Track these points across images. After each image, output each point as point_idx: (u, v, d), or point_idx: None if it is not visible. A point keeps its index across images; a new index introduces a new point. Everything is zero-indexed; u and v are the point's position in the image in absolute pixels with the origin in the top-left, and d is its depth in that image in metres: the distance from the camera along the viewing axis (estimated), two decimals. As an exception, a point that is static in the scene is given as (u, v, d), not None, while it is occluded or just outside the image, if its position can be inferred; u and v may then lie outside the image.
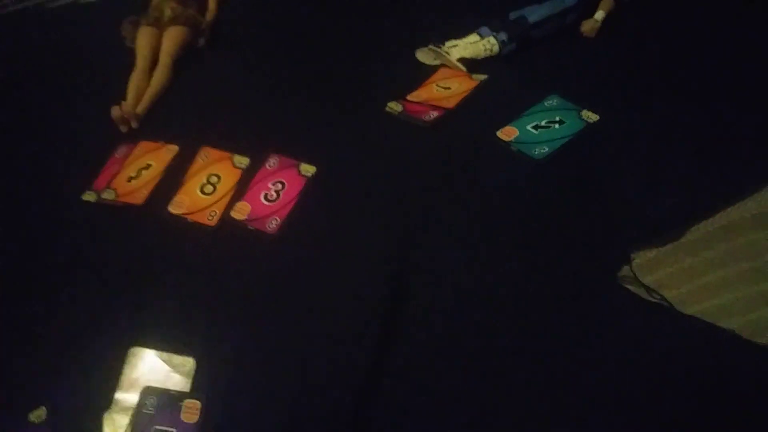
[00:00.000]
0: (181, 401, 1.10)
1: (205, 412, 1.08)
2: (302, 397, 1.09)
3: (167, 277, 1.29)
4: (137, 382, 1.14)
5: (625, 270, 1.20)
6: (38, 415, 1.11)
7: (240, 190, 1.40)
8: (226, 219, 1.35)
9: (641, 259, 1.21)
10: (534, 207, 1.27)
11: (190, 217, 1.37)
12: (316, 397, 1.09)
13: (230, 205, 1.37)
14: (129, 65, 1.79)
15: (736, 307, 1.13)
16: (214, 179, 1.44)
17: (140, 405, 1.10)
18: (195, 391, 1.11)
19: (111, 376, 1.14)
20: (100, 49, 1.99)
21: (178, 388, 1.12)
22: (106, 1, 2.42)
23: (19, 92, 1.90)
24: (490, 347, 1.12)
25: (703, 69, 1.47)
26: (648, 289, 1.17)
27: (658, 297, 1.16)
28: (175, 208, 1.38)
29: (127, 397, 1.12)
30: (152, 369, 1.15)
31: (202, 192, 1.42)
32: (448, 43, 1.66)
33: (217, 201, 1.39)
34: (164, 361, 1.15)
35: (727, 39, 1.53)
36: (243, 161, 1.45)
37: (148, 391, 1.11)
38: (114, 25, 1.96)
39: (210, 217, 1.36)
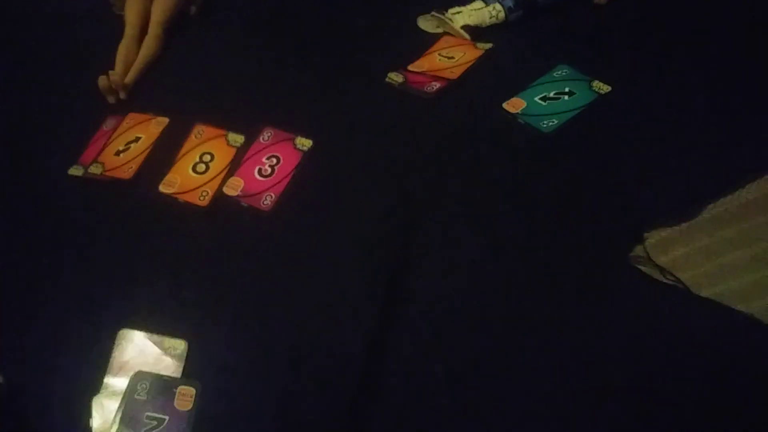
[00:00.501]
0: (175, 388, 1.06)
1: (198, 399, 1.04)
2: (297, 381, 1.05)
3: (158, 256, 1.25)
4: (127, 365, 1.10)
5: (637, 250, 1.15)
6: None
7: (233, 168, 1.35)
8: (218, 197, 1.30)
9: (655, 238, 1.16)
10: (542, 182, 1.22)
11: (180, 197, 1.32)
12: (312, 381, 1.05)
13: (223, 183, 1.32)
14: (117, 33, 1.72)
15: (755, 290, 1.09)
16: (207, 158, 1.38)
17: (131, 390, 1.06)
18: (187, 374, 1.07)
19: (100, 358, 1.10)
20: (87, 15, 1.91)
21: (169, 372, 1.08)
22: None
23: (6, 60, 1.84)
24: (496, 327, 1.08)
25: (723, 37, 1.40)
26: (662, 269, 1.13)
27: (673, 278, 1.12)
28: (165, 188, 1.33)
29: (117, 381, 1.08)
30: (142, 352, 1.11)
31: (194, 171, 1.36)
32: (452, 10, 1.60)
33: (210, 180, 1.33)
34: (155, 343, 1.11)
35: (748, 6, 1.46)
36: (238, 139, 1.39)
37: (139, 376, 1.07)
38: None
39: (202, 197, 1.31)
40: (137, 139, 1.45)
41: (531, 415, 1.00)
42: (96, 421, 1.04)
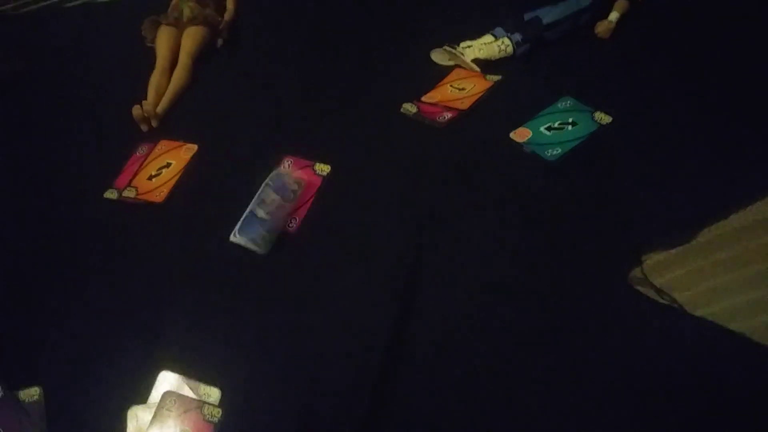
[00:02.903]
0: (200, 407, 1.13)
1: (223, 420, 1.11)
2: (316, 402, 1.11)
3: (188, 278, 1.32)
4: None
5: (636, 271, 1.20)
6: (31, 394, 1.18)
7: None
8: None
9: (652, 260, 1.21)
10: (546, 208, 1.28)
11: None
12: (330, 402, 1.11)
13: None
14: (149, 65, 1.84)
15: (747, 310, 1.13)
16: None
17: (161, 405, 1.14)
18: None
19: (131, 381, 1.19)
20: (122, 48, 2.04)
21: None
22: (127, 1, 2.47)
23: (44, 91, 1.97)
24: (502, 347, 1.14)
25: (717, 71, 1.47)
26: (659, 290, 1.18)
27: (669, 298, 1.17)
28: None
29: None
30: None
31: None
32: (463, 44, 1.67)
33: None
34: (191, 388, 1.17)
35: (742, 41, 1.52)
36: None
37: (169, 394, 1.15)
38: (134, 25, 2.01)
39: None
40: (168, 165, 1.56)
41: (534, 422, 1.05)
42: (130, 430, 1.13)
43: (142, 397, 1.16)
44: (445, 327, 1.18)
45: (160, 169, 1.55)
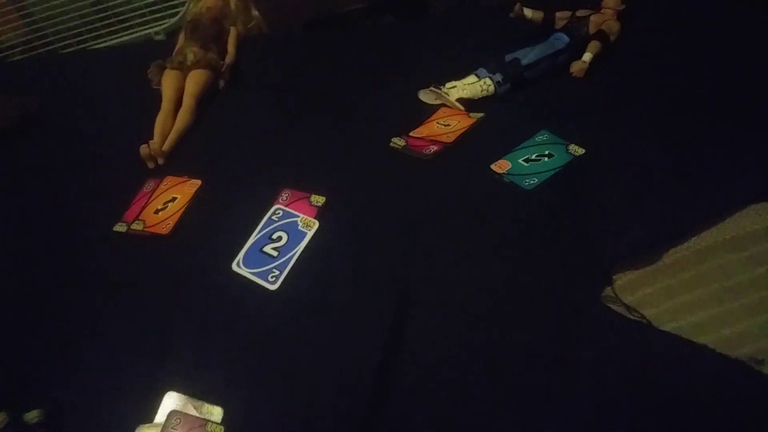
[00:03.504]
0: (204, 425, 1.20)
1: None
2: (314, 420, 1.18)
3: (193, 306, 1.39)
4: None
5: (607, 290, 1.29)
6: (32, 416, 1.23)
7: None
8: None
9: (622, 280, 1.31)
10: (524, 233, 1.37)
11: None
12: (327, 420, 1.17)
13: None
14: (155, 106, 1.94)
15: (710, 324, 1.22)
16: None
17: (167, 424, 1.20)
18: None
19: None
20: (128, 91, 2.14)
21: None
22: (132, 48, 2.61)
23: (55, 133, 2.07)
24: (485, 366, 1.21)
25: (680, 107, 1.58)
26: (629, 307, 1.27)
27: (638, 315, 1.25)
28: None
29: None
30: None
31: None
32: (448, 84, 1.79)
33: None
34: (195, 407, 1.24)
35: (705, 78, 1.64)
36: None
37: (174, 414, 1.22)
38: (140, 70, 2.12)
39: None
40: (174, 199, 1.65)
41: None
42: None
43: (148, 417, 1.22)
44: (433, 350, 1.25)
45: (166, 203, 1.63)
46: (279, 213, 1.51)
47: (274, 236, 1.47)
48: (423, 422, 1.17)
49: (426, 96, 1.82)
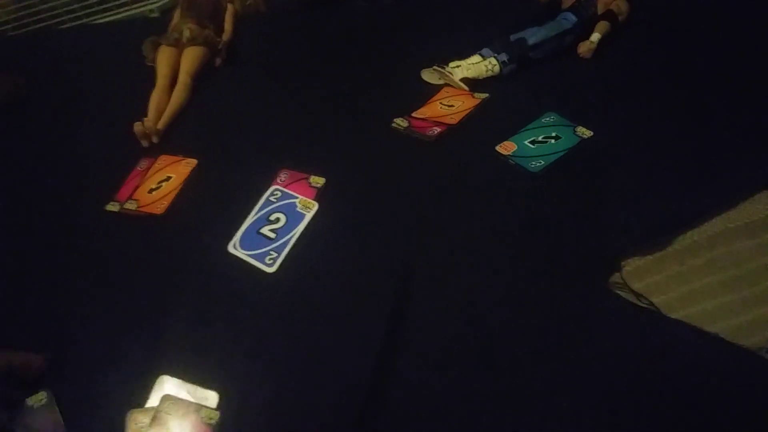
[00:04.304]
0: (198, 410, 1.16)
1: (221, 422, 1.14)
2: (310, 405, 1.15)
3: (187, 288, 1.35)
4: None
5: (615, 277, 1.26)
6: (38, 398, 1.20)
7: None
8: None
9: (631, 266, 1.27)
10: (530, 217, 1.34)
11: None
12: (324, 404, 1.15)
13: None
14: (150, 83, 1.90)
15: (720, 312, 1.19)
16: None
17: (160, 408, 1.16)
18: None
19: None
20: (123, 67, 2.09)
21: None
22: (128, 23, 2.55)
23: (48, 109, 2.02)
24: (490, 352, 1.18)
25: (691, 89, 1.54)
26: (637, 294, 1.24)
27: (647, 302, 1.23)
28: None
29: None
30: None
31: None
32: (452, 64, 1.74)
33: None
34: (188, 392, 1.19)
35: (713, 60, 1.60)
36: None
37: (167, 398, 1.18)
38: (135, 46, 2.07)
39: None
40: (168, 178, 1.60)
41: (521, 424, 1.10)
42: None
43: (141, 402, 1.19)
44: (434, 334, 1.22)
45: (161, 183, 1.59)
46: (277, 194, 1.47)
47: (272, 218, 1.43)
48: (422, 406, 1.14)
49: (429, 75, 1.78)
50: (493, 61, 1.72)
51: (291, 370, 1.20)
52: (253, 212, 1.45)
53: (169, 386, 1.21)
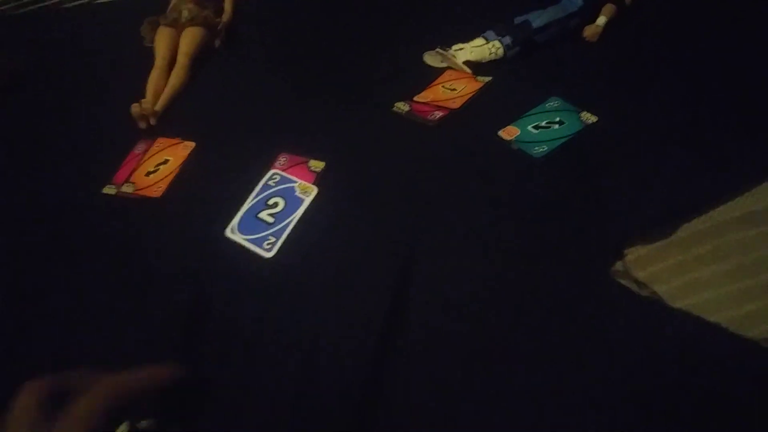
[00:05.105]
0: None
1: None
2: (308, 395, 1.13)
3: (184, 269, 1.34)
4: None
5: (618, 265, 1.24)
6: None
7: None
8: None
9: (633, 255, 1.25)
10: (532, 203, 1.31)
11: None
12: (323, 393, 1.13)
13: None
14: (148, 64, 1.88)
15: (723, 302, 1.17)
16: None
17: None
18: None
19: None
20: (120, 48, 2.08)
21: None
22: (125, 2, 2.51)
23: (43, 90, 2.01)
24: (492, 340, 1.17)
25: (698, 74, 1.51)
26: (640, 283, 1.21)
27: (650, 291, 1.20)
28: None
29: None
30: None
31: None
32: (455, 47, 1.71)
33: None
34: None
35: (723, 48, 1.57)
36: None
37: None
38: (133, 26, 2.04)
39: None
40: (166, 161, 1.59)
41: (523, 415, 1.08)
42: None
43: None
44: (435, 322, 1.20)
45: (158, 166, 1.58)
46: (276, 178, 1.45)
47: (270, 202, 1.41)
48: (424, 394, 1.12)
49: (431, 58, 1.75)
50: (497, 44, 1.69)
51: (288, 354, 1.19)
52: (251, 196, 1.43)
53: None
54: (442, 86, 1.66)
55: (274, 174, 1.46)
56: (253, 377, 1.18)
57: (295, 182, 1.43)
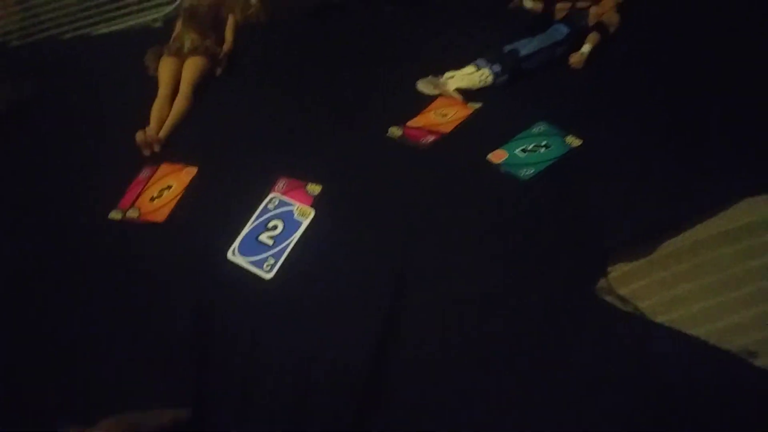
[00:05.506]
0: None
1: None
2: (307, 411, 1.19)
3: (187, 292, 1.38)
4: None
5: (602, 282, 1.30)
6: None
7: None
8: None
9: (617, 272, 1.30)
10: (520, 224, 1.37)
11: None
12: (321, 410, 1.19)
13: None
14: (151, 93, 1.94)
15: (703, 316, 1.22)
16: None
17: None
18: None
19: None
20: (124, 77, 2.14)
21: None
22: (128, 33, 2.59)
23: (52, 118, 2.06)
24: (482, 354, 1.22)
25: (676, 98, 1.58)
26: (623, 299, 1.27)
27: (632, 307, 1.26)
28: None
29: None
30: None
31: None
32: (447, 74, 1.78)
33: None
34: None
35: (700, 74, 1.64)
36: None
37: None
38: (138, 56, 2.11)
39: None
40: (169, 187, 1.64)
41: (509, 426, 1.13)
42: None
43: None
44: (427, 340, 1.25)
45: (162, 191, 1.63)
46: (275, 201, 1.51)
47: (270, 225, 1.47)
48: (415, 411, 1.18)
49: (424, 86, 1.82)
50: (486, 71, 1.76)
51: (287, 371, 1.24)
52: (251, 219, 1.49)
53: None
54: (434, 112, 1.73)
55: (273, 197, 1.52)
56: (252, 389, 1.22)
57: (293, 205, 1.49)
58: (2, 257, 1.59)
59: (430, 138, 1.61)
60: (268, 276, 1.38)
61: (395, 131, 1.66)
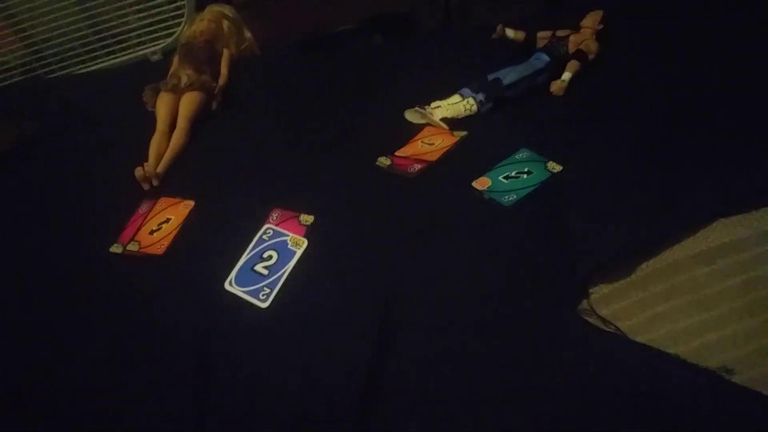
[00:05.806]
0: None
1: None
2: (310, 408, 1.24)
3: (185, 323, 1.43)
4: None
5: (584, 303, 1.35)
6: None
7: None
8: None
9: (597, 293, 1.36)
10: (503, 248, 1.42)
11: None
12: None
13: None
14: (149, 128, 2.00)
15: (682, 335, 1.28)
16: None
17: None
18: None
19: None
20: (123, 113, 2.20)
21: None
22: (126, 69, 2.67)
23: (52, 154, 2.12)
24: (469, 375, 1.27)
25: (651, 124, 1.65)
26: (604, 320, 1.32)
27: (613, 327, 1.31)
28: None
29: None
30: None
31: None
32: (433, 104, 1.84)
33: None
34: None
35: (672, 102, 1.71)
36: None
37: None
38: (134, 91, 2.17)
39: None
40: (168, 220, 1.70)
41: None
42: None
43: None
44: (418, 366, 1.30)
45: (161, 224, 1.69)
46: (269, 232, 1.57)
47: (265, 255, 1.52)
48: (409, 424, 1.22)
49: (412, 116, 1.88)
50: (471, 101, 1.82)
51: (284, 396, 1.29)
52: (247, 250, 1.54)
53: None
54: (421, 141, 1.79)
55: (267, 229, 1.58)
56: (251, 414, 1.27)
57: (287, 236, 1.55)
58: (4, 290, 1.64)
59: (417, 166, 1.66)
60: (264, 305, 1.43)
61: (384, 161, 1.71)
